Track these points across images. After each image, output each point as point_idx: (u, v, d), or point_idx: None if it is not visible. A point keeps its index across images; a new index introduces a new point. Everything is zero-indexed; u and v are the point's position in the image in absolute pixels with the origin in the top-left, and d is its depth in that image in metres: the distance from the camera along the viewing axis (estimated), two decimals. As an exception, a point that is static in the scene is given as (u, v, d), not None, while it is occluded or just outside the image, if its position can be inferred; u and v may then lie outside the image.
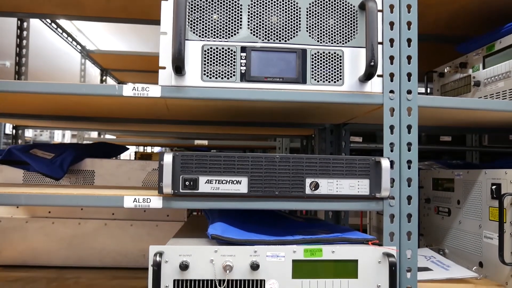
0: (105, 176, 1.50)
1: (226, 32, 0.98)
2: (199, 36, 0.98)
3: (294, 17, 1.00)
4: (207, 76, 0.98)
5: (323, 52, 1.01)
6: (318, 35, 1.01)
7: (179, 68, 0.93)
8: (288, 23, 1.00)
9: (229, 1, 0.98)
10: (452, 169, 1.33)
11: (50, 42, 4.35)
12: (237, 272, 0.89)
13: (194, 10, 0.98)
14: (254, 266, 0.89)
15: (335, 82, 1.01)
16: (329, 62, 1.01)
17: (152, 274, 0.86)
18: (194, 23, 0.98)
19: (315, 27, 1.00)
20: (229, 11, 0.99)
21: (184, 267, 0.88)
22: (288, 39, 1.00)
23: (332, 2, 1.01)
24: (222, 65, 0.98)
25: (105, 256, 1.51)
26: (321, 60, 1.01)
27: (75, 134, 5.34)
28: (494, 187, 1.12)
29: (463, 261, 1.24)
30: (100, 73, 3.14)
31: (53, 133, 6.73)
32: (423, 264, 1.19)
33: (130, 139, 2.94)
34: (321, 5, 1.01)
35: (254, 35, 0.99)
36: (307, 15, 1.00)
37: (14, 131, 1.99)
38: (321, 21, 1.01)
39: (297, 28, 1.00)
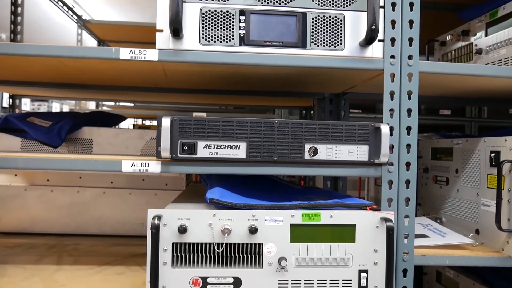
0: (103, 145, 1.49)
1: (224, -6, 0.96)
2: (197, -2, 0.96)
3: (294, -21, 0.98)
4: (205, 39, 0.96)
5: (324, 16, 0.99)
6: (318, -2, 0.98)
7: (176, 30, 0.92)
8: (288, -15, 0.98)
9: (228, -38, 0.96)
10: (451, 138, 1.32)
11: (45, 13, 4.28)
12: (236, 236, 0.90)
13: (192, -30, 0.95)
14: (253, 230, 0.89)
15: (335, 46, 0.99)
16: (330, 26, 0.99)
17: (151, 237, 0.87)
18: (192, -16, 0.95)
19: (316, -11, 0.98)
20: (228, -28, 0.96)
21: (182, 230, 0.88)
22: (288, 2, 0.98)
23: (333, -36, 0.98)
24: (221, 28, 0.96)
25: (104, 224, 1.52)
26: (321, 24, 0.99)
27: (73, 109, 5.31)
28: (493, 154, 1.11)
29: (460, 229, 1.24)
30: (97, 44, 3.09)
31: (50, 107, 6.69)
32: (420, 231, 1.20)
33: (127, 111, 2.92)
34: (322, -34, 0.98)
35: (253, -3, 0.97)
36: (307, -23, 0.98)
37: (11, 101, 1.97)
38: (322, -17, 0.98)
39: (297, -9, 0.98)
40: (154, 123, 5.18)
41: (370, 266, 0.93)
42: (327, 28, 0.99)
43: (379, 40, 1.00)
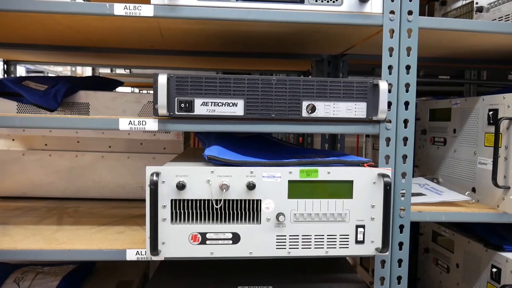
0: (100, 109, 1.48)
1: None
2: (192, -49, 0.93)
3: None
4: (201, -6, 0.94)
5: (322, -30, 0.96)
6: (317, -49, 0.96)
7: (171, -16, 0.90)
8: None
9: None
10: (450, 99, 1.32)
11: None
12: (234, 192, 0.91)
13: None
14: (251, 186, 0.90)
15: (333, 2, 0.97)
16: (328, -19, 0.97)
17: (150, 193, 0.87)
18: None
19: None
20: None
21: (181, 187, 0.88)
22: (286, -45, 0.95)
23: None
24: (217, -17, 0.94)
25: (103, 187, 1.53)
26: (319, -22, 0.96)
27: (69, 78, 5.24)
28: (491, 112, 1.11)
29: (457, 188, 1.26)
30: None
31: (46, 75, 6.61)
32: (416, 190, 1.21)
33: (124, 79, 2.89)
34: None
35: (250, -50, 0.94)
36: None
37: (5, 66, 1.95)
38: None
39: None
40: (152, 92, 5.14)
41: (367, 222, 0.94)
42: (325, -18, 0.97)
43: (379, -5, 0.98)
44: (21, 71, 5.51)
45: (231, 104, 0.94)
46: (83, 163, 1.52)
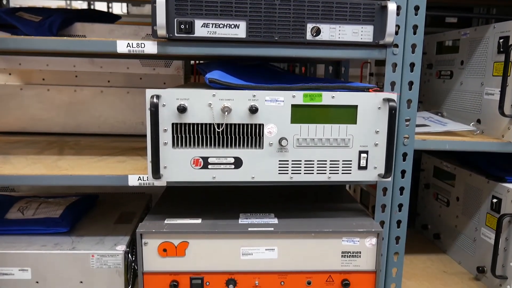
0: (98, 42, 1.44)
1: None
2: None
3: None
4: None
5: None
6: None
7: None
8: None
9: None
10: (458, 30, 1.27)
11: None
12: (236, 116, 0.89)
13: None
14: (253, 110, 0.88)
15: None
16: None
17: (150, 115, 0.86)
18: None
19: None
20: None
21: (182, 109, 0.87)
22: None
23: None
24: None
25: (103, 123, 1.52)
26: None
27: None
28: (501, 40, 1.08)
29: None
30: None
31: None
32: (421, 122, 1.20)
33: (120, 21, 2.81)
34: None
35: None
36: None
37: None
38: None
39: None
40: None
41: (370, 147, 0.93)
42: None
43: None
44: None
45: (232, 26, 0.91)
46: (82, 98, 1.50)
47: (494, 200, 1.14)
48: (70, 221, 1.12)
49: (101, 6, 3.00)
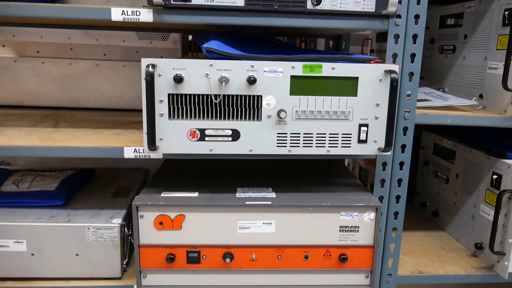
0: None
1: None
2: None
3: None
4: None
5: None
6: None
7: None
8: None
9: None
10: (462, 2, 1.24)
11: None
12: (234, 87, 0.87)
13: None
14: (251, 80, 0.86)
15: None
16: None
17: (145, 85, 0.83)
18: None
19: None
20: None
21: (178, 79, 0.84)
22: None
23: None
24: None
25: (100, 97, 1.49)
26: None
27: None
28: (506, 12, 1.05)
29: (463, 96, 1.22)
30: None
31: None
32: (422, 97, 1.17)
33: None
34: None
35: None
36: None
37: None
38: None
39: None
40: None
41: (370, 120, 0.91)
42: None
43: None
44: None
45: (230, -7, 0.88)
46: (77, 71, 1.47)
47: (494, 177, 1.13)
48: (66, 194, 1.11)
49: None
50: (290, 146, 0.91)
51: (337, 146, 0.92)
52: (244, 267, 0.97)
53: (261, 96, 0.88)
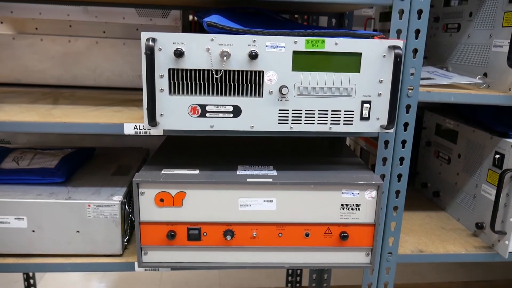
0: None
1: None
2: None
3: None
4: None
5: None
6: None
7: None
8: None
9: None
10: (469, -21, 1.22)
11: None
12: (235, 63, 0.85)
13: None
14: (253, 55, 0.84)
15: None
16: None
17: (145, 59, 0.82)
18: None
19: None
20: None
21: (178, 54, 0.83)
22: None
23: None
24: None
25: (100, 75, 1.48)
26: None
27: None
28: (514, -12, 1.03)
29: (467, 74, 1.20)
30: None
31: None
32: (425, 76, 1.16)
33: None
34: None
35: None
36: None
37: None
38: None
39: None
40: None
41: (373, 97, 0.90)
42: None
43: None
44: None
45: (232, -34, 0.86)
46: (76, 49, 1.45)
47: (497, 156, 1.12)
48: (66, 172, 1.10)
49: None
50: (292, 123, 0.90)
51: (339, 123, 0.91)
52: (245, 244, 0.97)
53: (263, 71, 0.87)
